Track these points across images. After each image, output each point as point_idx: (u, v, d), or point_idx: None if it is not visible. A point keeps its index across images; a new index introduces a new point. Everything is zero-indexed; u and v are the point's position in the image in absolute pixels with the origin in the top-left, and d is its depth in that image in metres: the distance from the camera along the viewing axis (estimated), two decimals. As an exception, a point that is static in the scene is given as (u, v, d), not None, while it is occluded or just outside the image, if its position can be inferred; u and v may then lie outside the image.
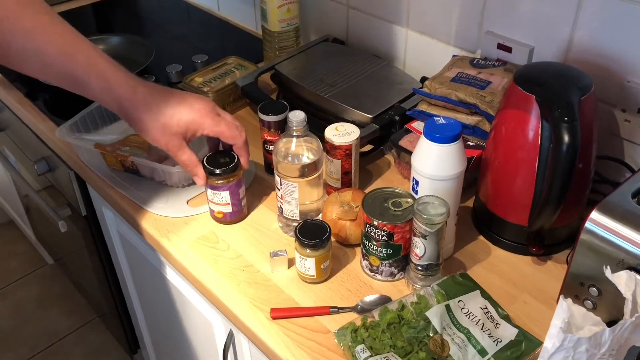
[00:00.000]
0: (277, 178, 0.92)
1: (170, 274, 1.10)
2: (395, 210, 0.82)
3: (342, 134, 0.94)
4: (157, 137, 0.87)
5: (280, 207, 0.94)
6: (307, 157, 0.89)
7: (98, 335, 1.98)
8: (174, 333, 1.28)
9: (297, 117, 0.88)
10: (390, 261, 0.84)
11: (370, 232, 0.82)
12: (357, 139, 0.94)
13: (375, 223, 0.81)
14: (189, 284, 1.02)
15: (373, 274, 0.87)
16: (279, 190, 0.92)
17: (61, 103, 1.29)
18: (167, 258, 0.97)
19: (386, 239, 0.81)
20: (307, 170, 0.90)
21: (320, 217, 0.94)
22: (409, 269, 0.85)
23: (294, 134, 0.89)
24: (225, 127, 0.90)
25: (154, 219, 1.00)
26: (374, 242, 0.83)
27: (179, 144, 0.88)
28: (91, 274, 1.58)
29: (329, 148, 0.95)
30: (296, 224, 0.87)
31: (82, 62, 0.82)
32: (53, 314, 2.07)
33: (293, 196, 0.91)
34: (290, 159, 0.89)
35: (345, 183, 0.98)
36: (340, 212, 0.90)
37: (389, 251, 0.83)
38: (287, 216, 0.94)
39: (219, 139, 0.93)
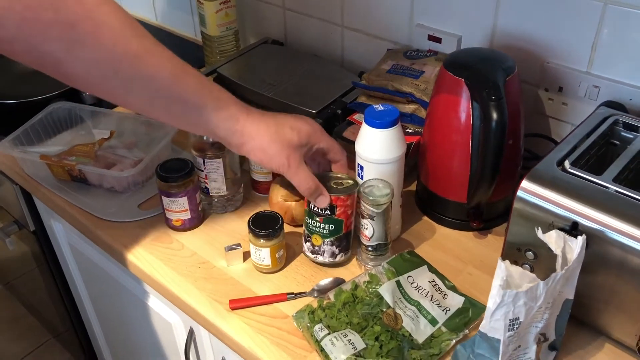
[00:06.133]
0: (198, 160, 0.95)
1: (127, 280, 1.10)
2: (337, 188, 0.85)
3: None
4: (277, 151, 0.81)
5: (206, 187, 0.98)
6: None
7: (53, 356, 1.94)
8: (134, 340, 1.27)
9: None
10: (332, 239, 0.86)
11: (313, 207, 0.85)
12: None
13: None
14: (147, 287, 1.03)
15: (315, 255, 0.88)
16: (201, 171, 0.96)
17: (0, 118, 1.27)
18: (122, 263, 0.98)
19: (329, 212, 0.84)
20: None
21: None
22: (360, 250, 0.88)
23: None
24: (336, 142, 0.89)
25: (107, 226, 1.00)
26: (316, 219, 0.85)
27: (299, 160, 0.83)
28: (43, 293, 1.56)
29: None
30: (224, 201, 0.91)
31: (193, 85, 0.76)
32: (4, 339, 2.01)
33: (218, 172, 0.96)
34: (205, 137, 0.93)
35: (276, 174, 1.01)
36: (285, 194, 0.94)
37: (331, 227, 0.85)
38: (214, 194, 0.99)
39: (323, 160, 0.90)
